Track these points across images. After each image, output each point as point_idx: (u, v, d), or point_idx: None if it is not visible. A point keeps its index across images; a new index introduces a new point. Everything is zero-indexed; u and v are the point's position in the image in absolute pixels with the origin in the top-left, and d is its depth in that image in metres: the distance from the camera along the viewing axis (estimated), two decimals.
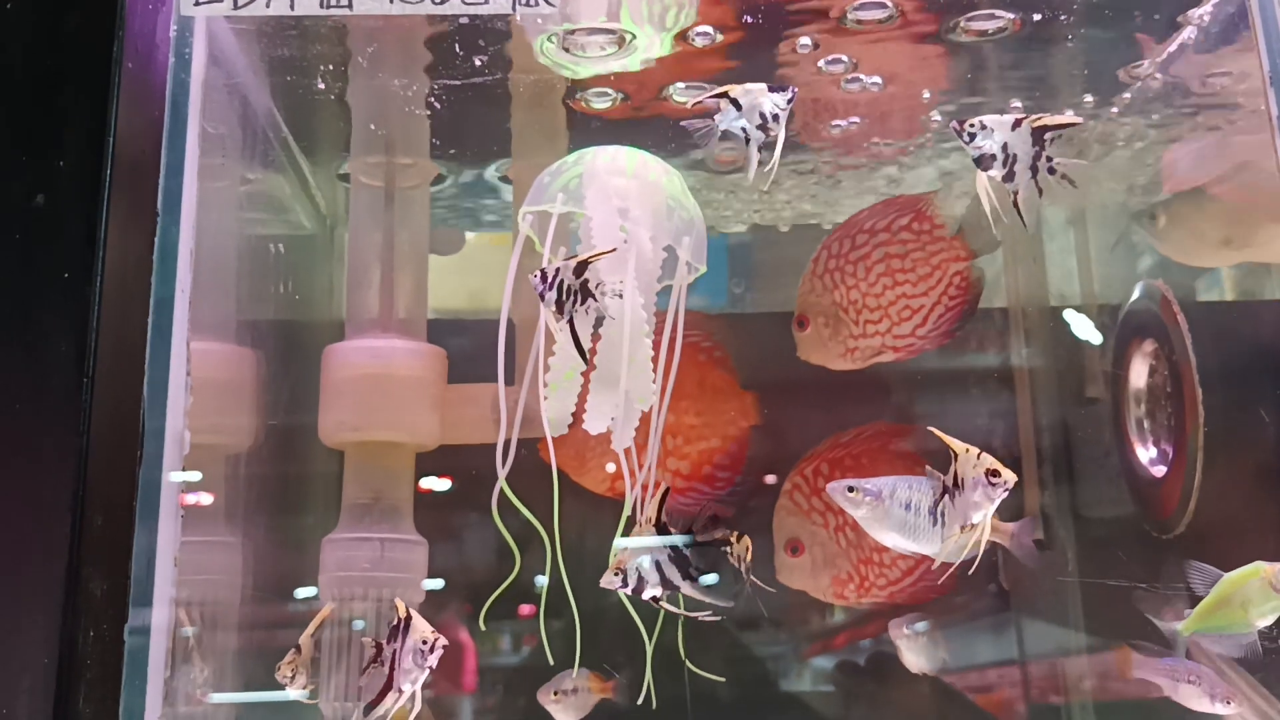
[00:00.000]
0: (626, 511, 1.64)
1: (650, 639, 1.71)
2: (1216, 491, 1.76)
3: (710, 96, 1.51)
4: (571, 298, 1.42)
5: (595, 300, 1.44)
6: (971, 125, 1.43)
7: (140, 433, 1.32)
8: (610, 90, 1.88)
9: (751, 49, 1.80)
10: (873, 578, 1.95)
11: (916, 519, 1.46)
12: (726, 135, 1.50)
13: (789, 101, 1.49)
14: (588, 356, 1.50)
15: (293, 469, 1.97)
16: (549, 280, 1.42)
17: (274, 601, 1.89)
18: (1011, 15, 1.71)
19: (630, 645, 1.72)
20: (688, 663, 1.79)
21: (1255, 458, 1.77)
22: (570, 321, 1.43)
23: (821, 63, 1.83)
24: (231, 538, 1.76)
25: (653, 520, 1.56)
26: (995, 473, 1.36)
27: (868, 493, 1.48)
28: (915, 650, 1.85)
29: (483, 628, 1.88)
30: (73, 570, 1.26)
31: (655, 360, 1.63)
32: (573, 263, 1.43)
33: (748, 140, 1.50)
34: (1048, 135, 1.41)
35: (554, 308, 1.43)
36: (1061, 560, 2.10)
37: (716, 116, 1.50)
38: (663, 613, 1.63)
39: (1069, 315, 2.23)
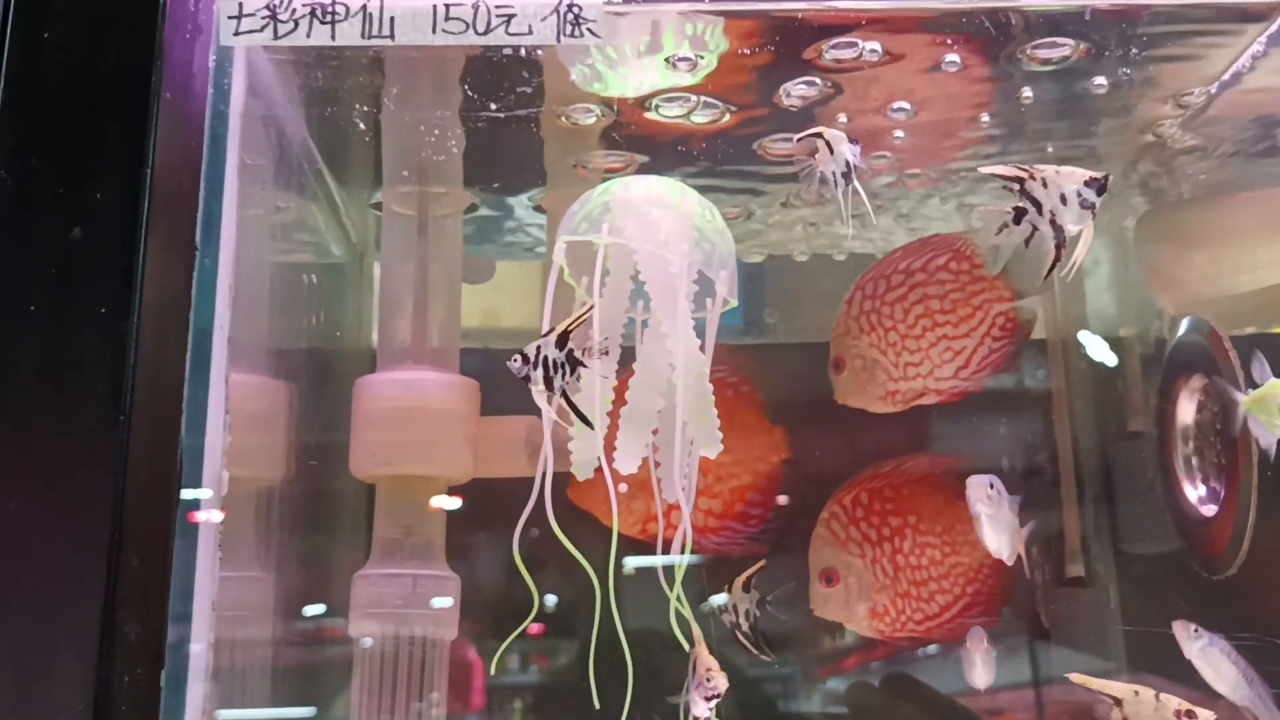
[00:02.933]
0: (660, 555, 1.61)
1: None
2: (1270, 533, 1.72)
3: (806, 136, 1.52)
4: (559, 371, 1.38)
5: (586, 368, 1.40)
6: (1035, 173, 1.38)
7: (178, 472, 1.29)
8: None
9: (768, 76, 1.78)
10: (910, 611, 1.91)
11: None
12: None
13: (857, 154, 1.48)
14: (592, 420, 1.46)
15: (324, 502, 1.94)
16: (531, 359, 1.38)
17: (305, 635, 1.87)
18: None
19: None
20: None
21: None
22: (564, 395, 1.39)
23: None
24: (263, 572, 1.73)
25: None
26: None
27: (1001, 492, 1.45)
28: (986, 664, 1.80)
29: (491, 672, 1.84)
30: (108, 613, 1.23)
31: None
32: (552, 336, 1.39)
33: (835, 185, 1.48)
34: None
35: (541, 385, 1.38)
36: (1104, 598, 2.06)
37: (816, 157, 1.50)
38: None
39: (1084, 336, 2.20)
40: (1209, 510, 1.84)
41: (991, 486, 1.59)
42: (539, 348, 1.38)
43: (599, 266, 1.60)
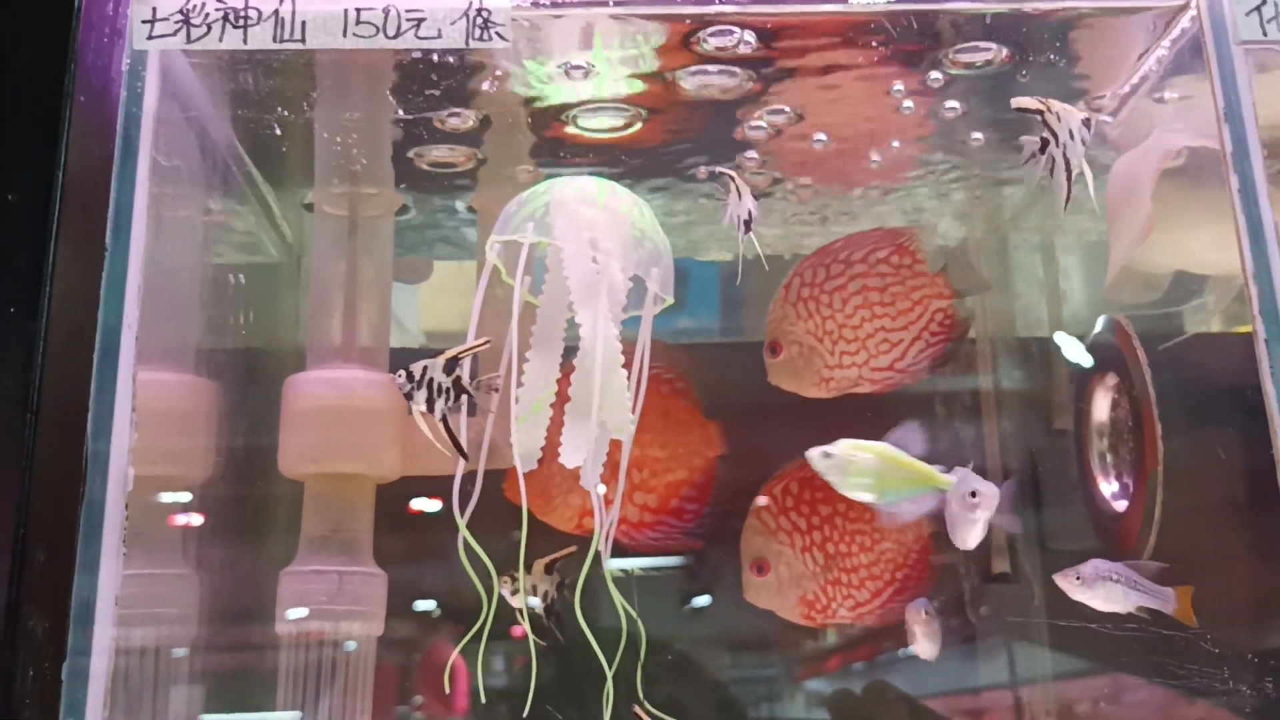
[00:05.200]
0: (594, 546, 1.63)
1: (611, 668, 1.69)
2: (1176, 526, 1.76)
3: (721, 173, 1.58)
4: (444, 396, 1.39)
5: (471, 396, 1.40)
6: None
7: (84, 469, 1.31)
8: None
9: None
10: (840, 599, 1.94)
11: None
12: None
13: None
14: (467, 452, 1.46)
15: (252, 500, 1.95)
16: (417, 379, 1.39)
17: (231, 632, 1.88)
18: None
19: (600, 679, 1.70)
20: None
21: (1215, 492, 1.77)
22: (444, 420, 1.39)
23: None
24: (188, 569, 1.75)
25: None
26: None
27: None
28: (929, 636, 1.82)
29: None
30: (13, 608, 1.25)
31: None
32: (441, 360, 1.40)
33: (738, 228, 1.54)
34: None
35: (423, 407, 1.38)
36: (1028, 593, 2.10)
37: (728, 198, 1.56)
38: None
39: (1059, 338, 2.23)
40: (1121, 505, 1.88)
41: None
42: (425, 368, 1.38)
43: (520, 266, 1.62)
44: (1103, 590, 1.58)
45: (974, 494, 1.50)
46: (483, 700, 1.67)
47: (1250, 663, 1.64)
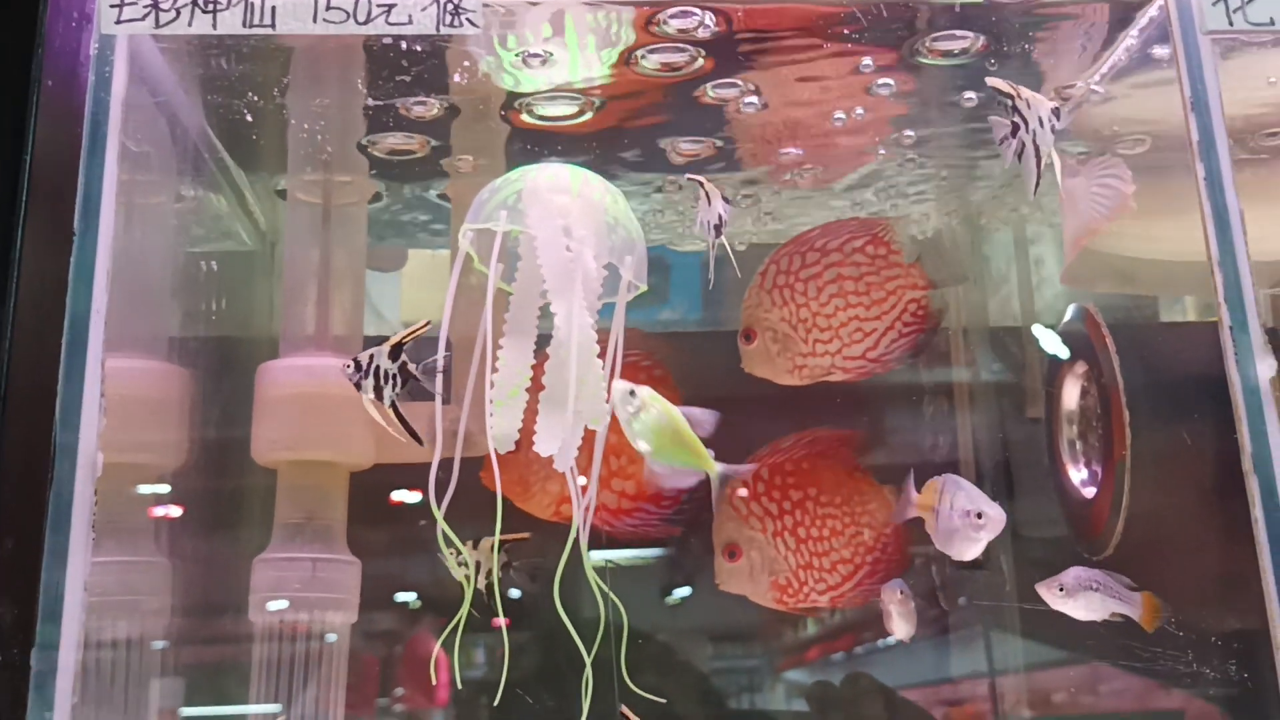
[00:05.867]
0: (573, 535, 1.63)
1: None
2: (1143, 513, 1.77)
3: (693, 180, 1.58)
4: (390, 382, 1.39)
5: (418, 381, 1.40)
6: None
7: (52, 455, 1.31)
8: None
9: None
10: (812, 582, 1.95)
11: None
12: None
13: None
14: (420, 437, 1.45)
15: (225, 488, 1.95)
16: (364, 367, 1.39)
17: (205, 620, 1.88)
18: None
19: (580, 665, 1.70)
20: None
21: (1182, 479, 1.79)
22: (393, 406, 1.39)
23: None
24: (160, 557, 1.74)
25: None
26: None
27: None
28: (905, 616, 1.81)
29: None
30: None
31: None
32: (386, 346, 1.40)
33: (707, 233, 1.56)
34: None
35: (372, 395, 1.38)
36: (999, 580, 2.11)
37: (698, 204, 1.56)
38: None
39: (1037, 330, 2.24)
40: (1089, 492, 1.89)
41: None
42: (372, 356, 1.39)
43: (495, 254, 1.61)
44: (1084, 599, 1.59)
45: (980, 515, 1.50)
46: (459, 686, 1.67)
47: (1215, 645, 1.66)
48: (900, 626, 1.78)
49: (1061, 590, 1.57)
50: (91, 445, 1.32)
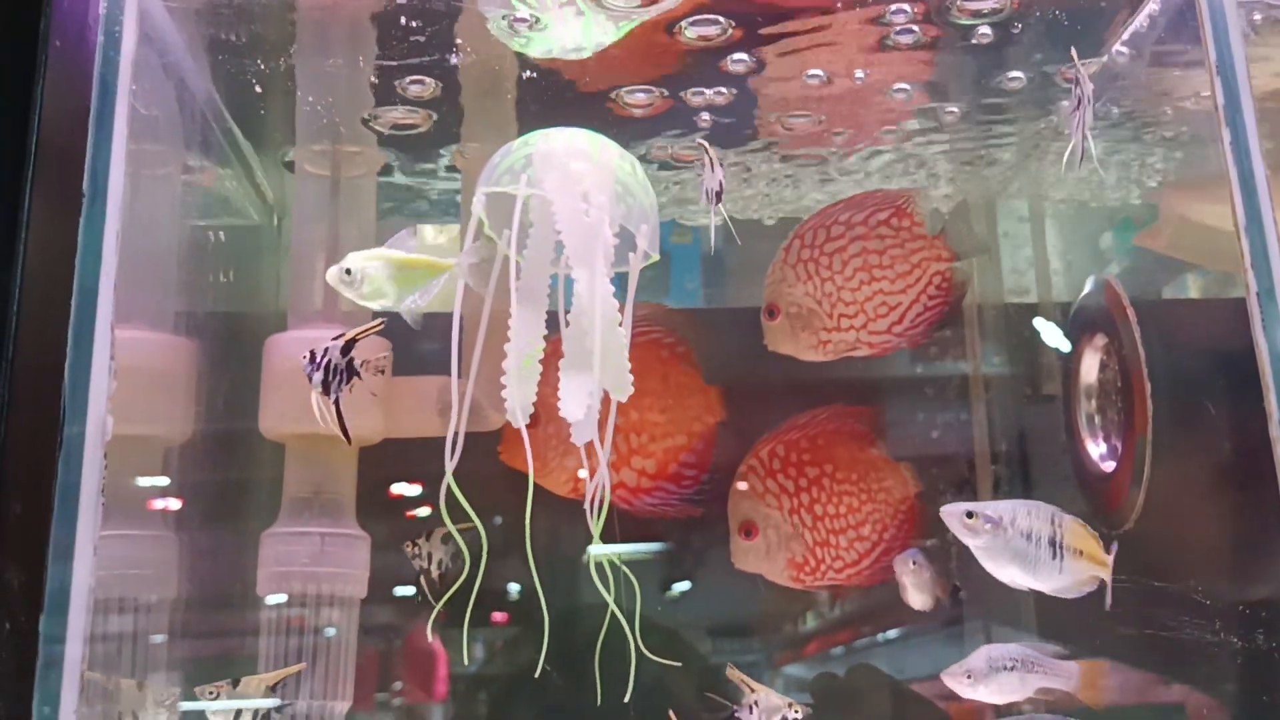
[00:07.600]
0: (590, 511, 1.60)
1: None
2: (1164, 486, 1.75)
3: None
4: (337, 377, 1.38)
5: (360, 379, 1.40)
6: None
7: (61, 420, 1.28)
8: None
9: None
10: (829, 560, 1.93)
11: (1036, 550, 1.42)
12: None
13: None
14: (350, 436, 1.46)
15: (233, 461, 1.93)
16: (316, 360, 1.39)
17: (212, 594, 1.86)
18: None
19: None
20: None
21: (1203, 453, 1.76)
22: (335, 402, 1.39)
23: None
24: (167, 531, 1.72)
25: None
26: None
27: (987, 519, 1.43)
28: (919, 587, 1.81)
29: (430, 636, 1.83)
30: None
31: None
32: (340, 341, 1.40)
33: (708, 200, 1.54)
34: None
35: (320, 388, 1.39)
36: None
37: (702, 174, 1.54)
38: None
39: (1038, 323, 2.22)
40: (1108, 466, 1.87)
41: (969, 516, 1.55)
42: (326, 350, 1.39)
43: (516, 220, 1.57)
44: (997, 682, 1.52)
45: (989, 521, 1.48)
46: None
47: (1242, 614, 1.64)
48: (916, 598, 1.76)
49: (969, 677, 1.50)
50: (100, 409, 1.29)
